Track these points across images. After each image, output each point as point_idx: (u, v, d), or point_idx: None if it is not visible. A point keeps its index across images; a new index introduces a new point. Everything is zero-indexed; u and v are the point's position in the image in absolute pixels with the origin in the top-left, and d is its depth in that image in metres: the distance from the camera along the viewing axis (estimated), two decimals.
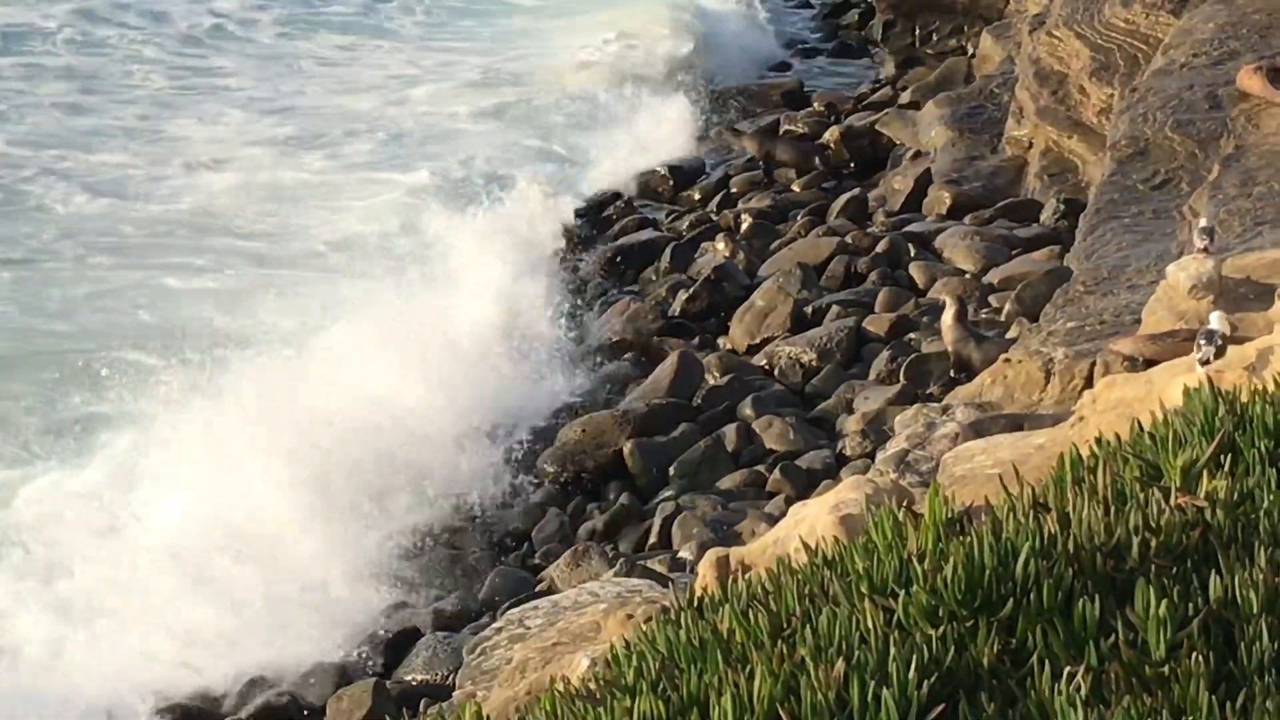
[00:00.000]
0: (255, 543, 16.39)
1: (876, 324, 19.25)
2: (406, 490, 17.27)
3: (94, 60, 32.72)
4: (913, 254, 21.00)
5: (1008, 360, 15.15)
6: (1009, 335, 17.48)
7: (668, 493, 16.80)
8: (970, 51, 30.26)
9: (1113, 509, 6.03)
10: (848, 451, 16.69)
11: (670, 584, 12.08)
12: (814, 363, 18.73)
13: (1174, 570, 5.75)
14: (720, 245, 22.32)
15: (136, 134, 28.74)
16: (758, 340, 19.72)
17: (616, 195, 25.82)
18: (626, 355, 20.02)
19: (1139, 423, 6.82)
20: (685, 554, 15.34)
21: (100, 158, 27.46)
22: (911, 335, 18.81)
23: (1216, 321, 11.06)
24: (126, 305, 22.11)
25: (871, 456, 15.64)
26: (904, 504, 6.82)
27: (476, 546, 16.74)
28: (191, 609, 15.59)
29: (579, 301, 21.69)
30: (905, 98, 28.28)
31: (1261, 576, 5.58)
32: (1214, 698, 5.14)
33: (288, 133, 28.78)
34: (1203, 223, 14.11)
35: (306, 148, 28.24)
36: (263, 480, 16.86)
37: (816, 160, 26.01)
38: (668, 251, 22.68)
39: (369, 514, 16.84)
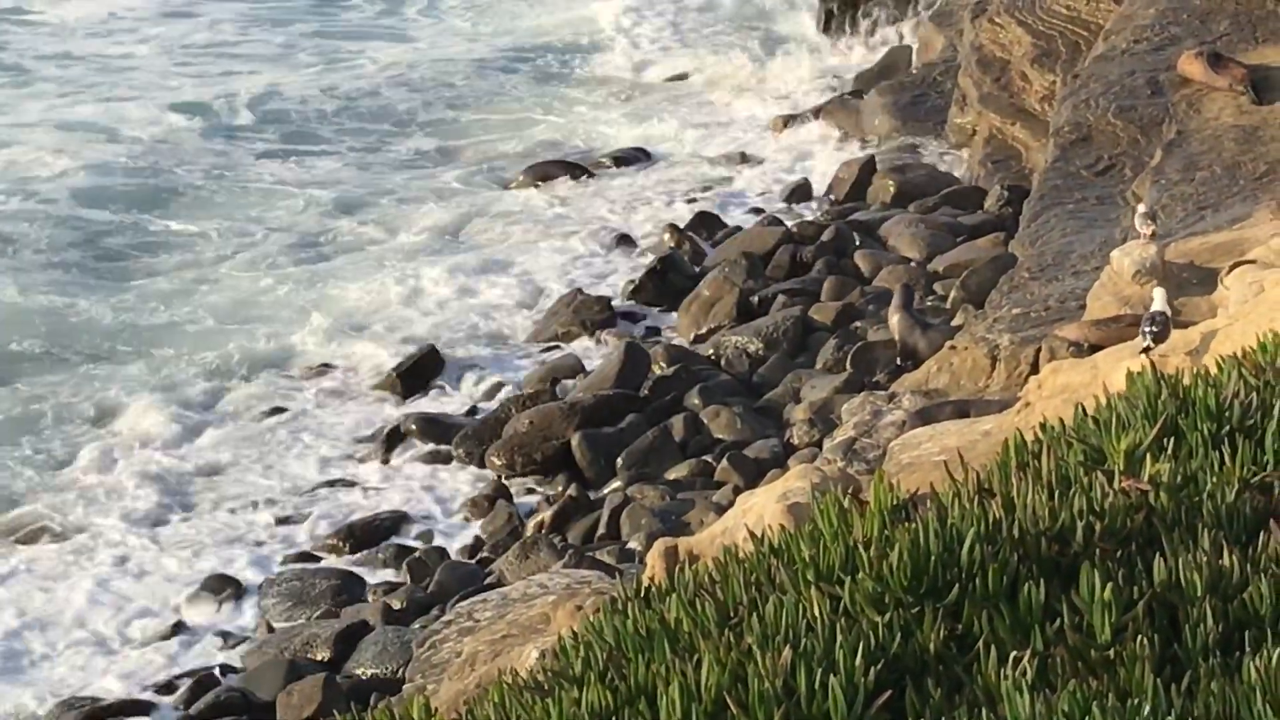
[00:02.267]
0: None
1: (822, 313, 19.24)
2: None
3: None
4: (858, 242, 21.02)
5: (954, 347, 15.19)
6: (955, 322, 17.51)
7: (616, 483, 16.78)
8: None
9: (1057, 493, 6.05)
10: (795, 440, 16.70)
11: (619, 575, 12.07)
12: (760, 352, 18.72)
13: (1118, 554, 5.77)
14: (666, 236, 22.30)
15: None
16: (704, 330, 19.71)
17: None
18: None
19: (1083, 407, 6.85)
20: (634, 544, 15.33)
21: None
22: (858, 324, 18.81)
23: (1159, 301, 11.13)
24: None
25: (819, 445, 15.66)
26: (851, 492, 6.84)
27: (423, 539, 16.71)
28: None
29: None
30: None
31: (1205, 559, 5.61)
32: (1159, 680, 5.16)
33: None
34: (1142, 208, 14.17)
35: None
36: None
37: None
38: None
39: None
